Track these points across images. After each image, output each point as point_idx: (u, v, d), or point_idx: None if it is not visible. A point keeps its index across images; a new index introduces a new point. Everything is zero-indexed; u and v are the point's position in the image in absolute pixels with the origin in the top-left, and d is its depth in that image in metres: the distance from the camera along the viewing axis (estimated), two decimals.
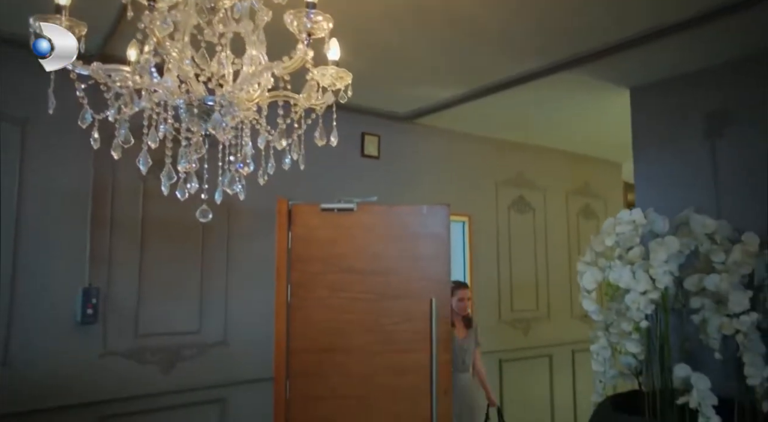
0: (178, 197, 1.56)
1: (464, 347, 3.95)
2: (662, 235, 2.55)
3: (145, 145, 1.45)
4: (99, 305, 2.98)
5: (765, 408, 2.47)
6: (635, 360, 2.72)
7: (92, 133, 1.47)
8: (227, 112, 1.37)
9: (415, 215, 3.78)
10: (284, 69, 1.38)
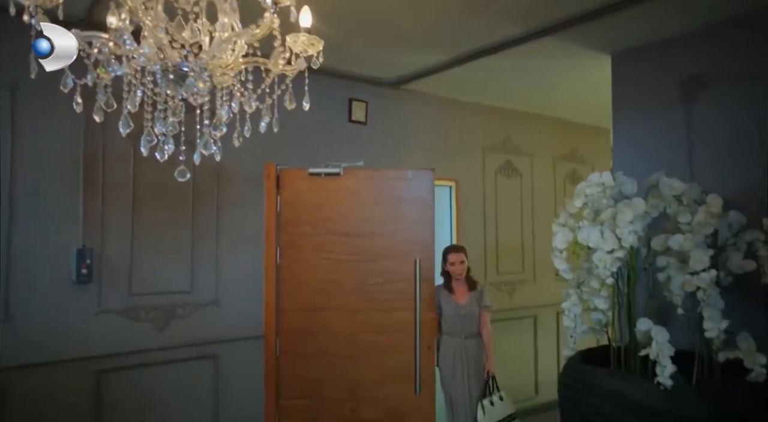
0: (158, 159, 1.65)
1: (462, 313, 3.82)
2: (631, 197, 2.66)
3: (125, 109, 1.54)
4: (93, 265, 3.11)
5: (721, 358, 2.62)
6: (604, 316, 2.86)
7: (75, 97, 1.56)
8: (199, 78, 1.46)
9: (400, 179, 3.89)
10: (252, 36, 1.46)
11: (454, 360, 3.77)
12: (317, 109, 4.05)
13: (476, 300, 3.84)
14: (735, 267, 2.68)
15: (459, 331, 3.80)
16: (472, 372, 3.77)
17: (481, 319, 3.85)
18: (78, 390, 3.09)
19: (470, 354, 3.78)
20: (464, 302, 3.82)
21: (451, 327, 3.82)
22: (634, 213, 2.52)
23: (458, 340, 3.79)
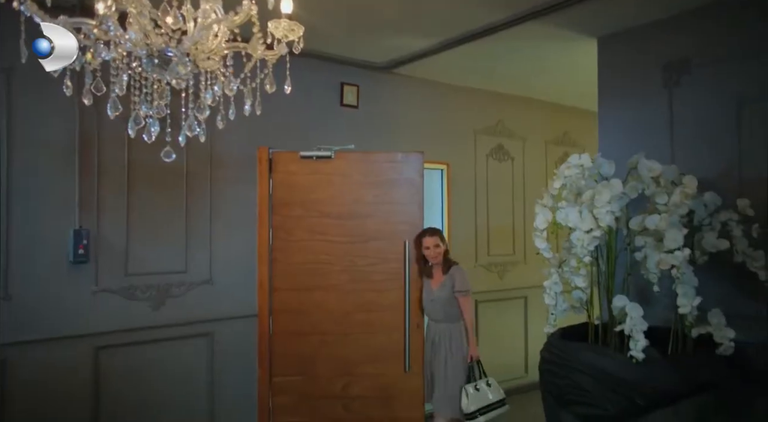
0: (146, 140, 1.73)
1: (431, 298, 3.68)
2: (609, 178, 2.73)
3: (112, 93, 1.62)
4: (90, 246, 3.20)
5: (694, 334, 2.72)
6: (584, 295, 2.96)
7: (65, 81, 1.64)
8: (180, 62, 1.53)
9: (390, 162, 3.97)
10: (232, 23, 1.54)
11: (432, 342, 3.69)
12: (309, 93, 4.16)
13: (449, 286, 3.65)
14: (709, 246, 2.76)
15: (433, 316, 3.70)
16: (448, 357, 3.61)
17: (459, 304, 3.67)
18: (77, 365, 3.20)
19: (445, 338, 3.62)
20: (436, 287, 3.67)
21: (426, 311, 3.75)
22: (611, 193, 2.60)
23: (433, 324, 3.70)
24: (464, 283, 3.68)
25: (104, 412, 3.27)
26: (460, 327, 3.65)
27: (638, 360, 2.48)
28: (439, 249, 3.66)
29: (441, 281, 3.66)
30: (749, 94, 2.97)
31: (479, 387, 3.54)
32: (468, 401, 3.46)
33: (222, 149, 3.76)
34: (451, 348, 3.61)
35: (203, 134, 1.76)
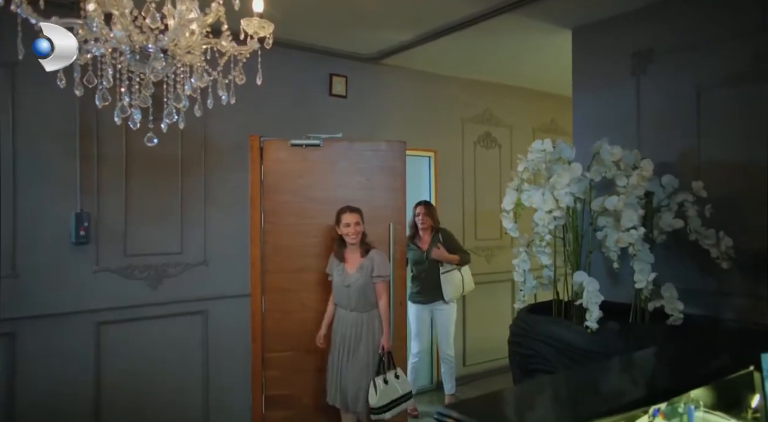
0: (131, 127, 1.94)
1: (346, 283, 3.45)
2: (570, 162, 2.92)
3: (100, 85, 1.82)
4: (90, 228, 3.43)
5: (650, 307, 2.92)
6: (551, 272, 3.15)
7: (58, 74, 1.85)
8: (156, 58, 1.74)
9: (374, 150, 4.19)
10: (204, 22, 1.74)
11: (342, 334, 3.47)
12: (299, 83, 4.36)
13: (367, 270, 3.43)
14: (666, 226, 2.94)
15: (345, 303, 3.48)
16: (360, 349, 3.42)
17: (376, 291, 3.47)
18: (80, 339, 3.44)
19: (358, 329, 3.43)
20: (352, 271, 3.45)
21: (337, 298, 3.54)
22: (570, 176, 2.79)
23: (344, 313, 3.48)
24: (385, 268, 3.50)
25: (106, 381, 3.52)
26: (372, 316, 3.46)
27: (593, 329, 2.68)
28: (359, 228, 3.48)
29: (358, 264, 3.46)
30: (707, 81, 3.13)
31: (388, 379, 3.39)
32: (377, 395, 3.31)
33: (215, 137, 3.97)
34: (367, 340, 3.42)
35: (182, 121, 1.95)
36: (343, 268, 3.48)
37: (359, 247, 3.49)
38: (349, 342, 3.43)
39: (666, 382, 1.94)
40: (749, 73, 2.98)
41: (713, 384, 1.96)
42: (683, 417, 1.99)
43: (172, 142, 3.74)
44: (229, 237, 4.01)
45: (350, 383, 3.42)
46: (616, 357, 2.13)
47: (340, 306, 3.51)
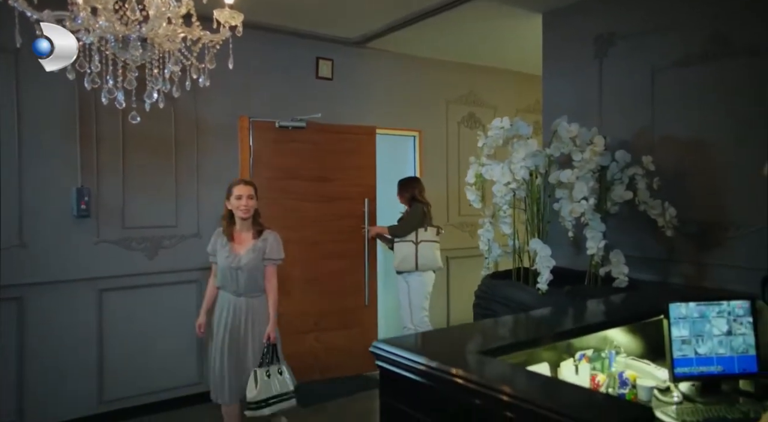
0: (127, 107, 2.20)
1: (234, 265, 3.07)
2: (527, 138, 3.15)
3: (88, 69, 2.08)
4: (91, 202, 3.72)
5: (602, 272, 3.17)
6: (511, 240, 3.40)
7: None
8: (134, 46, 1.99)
9: (349, 133, 4.50)
10: (177, 13, 1.98)
11: (227, 321, 3.11)
12: (286, 66, 4.60)
13: (260, 252, 3.12)
14: (617, 197, 3.18)
15: (233, 287, 3.11)
16: (248, 338, 3.10)
17: (266, 275, 3.16)
18: (83, 304, 3.75)
19: (246, 315, 3.11)
20: (242, 252, 3.11)
21: (222, 281, 3.15)
22: (526, 151, 3.02)
23: (230, 297, 3.12)
24: (278, 251, 3.19)
25: (107, 343, 3.84)
26: (261, 302, 3.17)
27: (543, 291, 2.93)
28: (252, 202, 3.15)
29: (250, 245, 3.12)
30: (661, 64, 3.34)
31: (271, 373, 3.06)
32: (257, 388, 2.99)
33: (207, 118, 4.23)
34: (253, 327, 3.11)
35: (162, 101, 2.21)
36: (231, 248, 3.11)
37: (252, 226, 3.15)
38: (236, 330, 3.08)
39: (587, 322, 2.20)
40: (699, 56, 3.18)
41: (629, 327, 2.22)
42: (605, 361, 2.26)
43: (166, 122, 4.00)
44: (220, 211, 4.26)
45: (234, 375, 3.08)
46: (550, 307, 2.39)
47: (225, 289, 3.13)
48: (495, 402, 1.27)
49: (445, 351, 1.60)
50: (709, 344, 2.15)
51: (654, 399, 2.11)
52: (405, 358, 1.53)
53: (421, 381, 1.51)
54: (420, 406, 1.52)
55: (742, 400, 2.10)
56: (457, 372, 1.37)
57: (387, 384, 1.64)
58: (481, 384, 1.31)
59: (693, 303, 2.18)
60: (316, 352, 4.35)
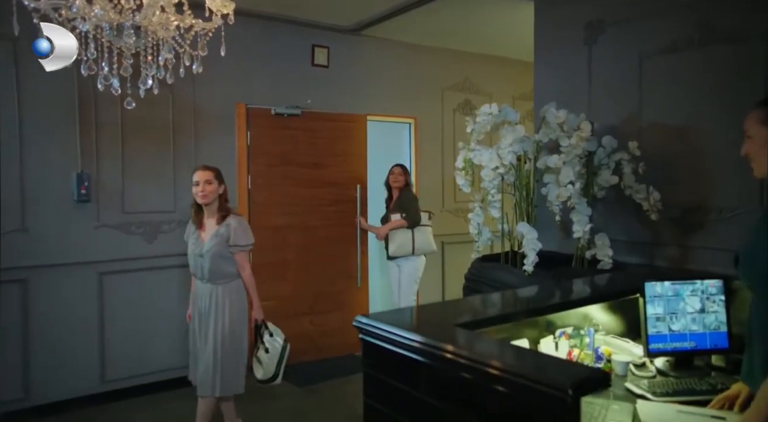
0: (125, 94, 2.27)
1: (197, 252, 3.05)
2: (514, 124, 3.22)
3: (84, 57, 2.16)
4: (90, 187, 3.81)
5: (588, 255, 3.25)
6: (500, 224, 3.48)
7: None
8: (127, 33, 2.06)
9: (341, 121, 4.59)
10: (169, 2, 2.05)
11: (197, 307, 3.12)
12: (283, 54, 4.66)
13: (223, 238, 3.03)
14: (604, 182, 3.25)
15: (199, 274, 3.09)
16: (211, 324, 3.03)
17: (237, 262, 3.10)
18: (85, 287, 3.86)
19: (211, 302, 3.05)
20: (206, 239, 3.06)
21: (192, 268, 3.16)
22: (513, 137, 3.09)
23: (199, 284, 3.12)
24: (244, 237, 3.09)
25: (109, 324, 3.95)
26: (233, 289, 3.10)
27: (529, 272, 3.02)
28: (211, 187, 3.03)
29: (214, 232, 3.05)
30: (648, 50, 3.39)
31: (268, 344, 3.13)
32: (263, 367, 3.11)
33: (205, 104, 4.30)
34: (217, 315, 3.03)
35: (156, 87, 2.29)
36: (198, 235, 3.09)
37: (216, 212, 3.07)
38: (205, 317, 3.07)
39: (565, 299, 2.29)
40: (685, 43, 3.23)
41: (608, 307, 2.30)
42: (584, 338, 2.35)
43: (164, 109, 4.08)
44: None
45: (201, 363, 3.05)
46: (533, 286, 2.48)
47: (195, 276, 3.15)
48: (451, 363, 1.38)
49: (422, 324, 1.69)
50: (682, 321, 2.24)
51: (629, 374, 2.20)
52: (382, 330, 1.62)
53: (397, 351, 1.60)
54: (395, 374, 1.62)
55: (713, 374, 2.19)
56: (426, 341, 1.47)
57: (368, 356, 1.73)
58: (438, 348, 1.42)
59: (668, 282, 2.27)
60: (311, 334, 4.46)
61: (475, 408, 1.37)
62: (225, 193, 3.13)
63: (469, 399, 1.39)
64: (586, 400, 1.93)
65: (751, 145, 1.63)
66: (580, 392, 1.16)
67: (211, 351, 3.01)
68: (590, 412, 1.81)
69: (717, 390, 1.97)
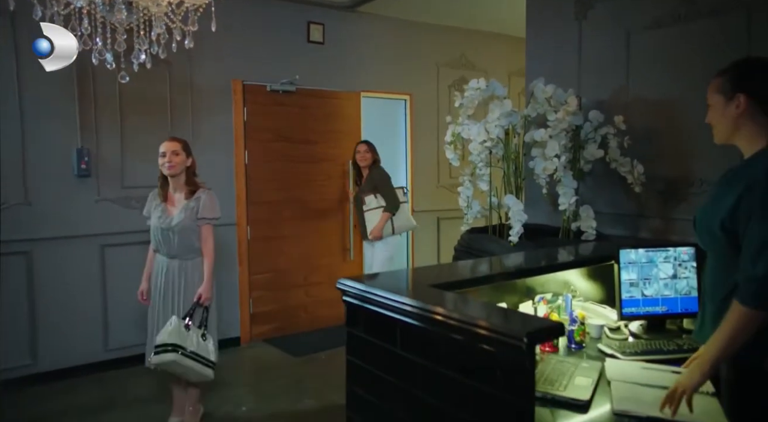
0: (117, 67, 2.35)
1: (169, 225, 2.95)
2: (502, 99, 3.28)
3: (78, 32, 2.23)
4: (90, 162, 3.90)
5: (573, 227, 3.34)
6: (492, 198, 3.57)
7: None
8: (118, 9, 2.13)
9: (334, 98, 4.66)
10: None
11: (161, 284, 3.00)
12: (278, 31, 4.71)
13: (193, 212, 2.97)
14: (589, 156, 3.33)
15: (165, 249, 2.99)
16: (180, 302, 2.96)
17: (201, 235, 3.00)
18: (87, 259, 3.98)
19: (179, 278, 2.98)
20: (174, 213, 2.99)
21: (156, 243, 3.03)
22: (501, 111, 3.16)
23: (164, 260, 3.01)
24: (212, 210, 3.02)
25: (110, 295, 4.08)
26: (195, 264, 3.01)
27: (514, 243, 3.12)
28: (178, 159, 2.98)
29: (182, 205, 3.00)
30: (635, 26, 3.43)
31: (190, 329, 2.86)
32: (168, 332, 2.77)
33: (201, 81, 4.37)
34: (185, 291, 2.97)
35: (149, 61, 2.36)
36: (165, 209, 3.01)
37: (184, 186, 3.02)
38: (171, 294, 2.98)
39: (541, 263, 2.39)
40: (669, 18, 3.27)
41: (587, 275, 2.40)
42: (562, 304, 2.45)
43: (161, 85, 4.15)
44: (216, 172, 4.46)
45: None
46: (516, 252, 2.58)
47: (159, 252, 3.03)
48: (422, 319, 1.49)
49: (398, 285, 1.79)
50: (655, 286, 2.33)
51: (604, 337, 2.31)
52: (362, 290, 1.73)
53: (375, 310, 1.71)
54: (373, 331, 1.73)
55: (684, 337, 2.29)
56: (400, 299, 1.58)
57: (350, 315, 1.84)
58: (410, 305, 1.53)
59: (642, 249, 2.36)
60: (306, 305, 4.60)
61: (444, 359, 1.48)
62: (193, 166, 3.08)
63: (438, 350, 1.49)
64: (558, 359, 2.06)
65: (711, 113, 1.71)
66: (534, 340, 1.26)
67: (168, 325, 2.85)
68: (561, 369, 1.93)
69: (684, 350, 2.08)
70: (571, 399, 1.68)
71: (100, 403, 3.60)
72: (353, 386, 1.85)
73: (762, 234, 1.44)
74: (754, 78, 1.64)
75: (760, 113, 1.62)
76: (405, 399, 1.61)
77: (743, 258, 1.48)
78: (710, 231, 1.61)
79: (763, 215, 1.46)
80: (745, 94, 1.62)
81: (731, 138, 1.70)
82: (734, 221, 1.53)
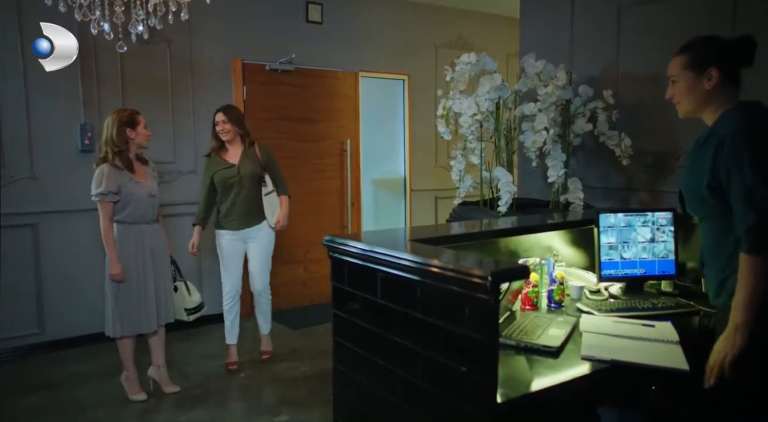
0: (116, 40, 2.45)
1: (153, 192, 3.29)
2: (492, 73, 3.35)
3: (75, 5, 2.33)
4: (94, 138, 4.01)
5: (562, 199, 3.42)
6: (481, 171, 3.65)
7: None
8: None
9: (332, 78, 4.74)
10: None
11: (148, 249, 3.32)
12: (277, 10, 4.78)
13: (156, 175, 3.43)
14: (578, 129, 3.40)
15: (149, 216, 3.31)
16: (165, 258, 3.44)
17: None
18: (91, 232, 4.09)
19: (158, 240, 3.40)
20: (148, 180, 3.30)
21: (139, 213, 3.26)
22: (491, 84, 3.23)
23: (146, 227, 3.31)
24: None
25: None
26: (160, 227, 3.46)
27: (502, 213, 3.20)
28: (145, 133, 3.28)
29: (149, 172, 3.35)
30: (625, 2, 3.49)
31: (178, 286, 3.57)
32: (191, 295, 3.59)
33: (201, 59, 4.45)
34: (163, 251, 3.43)
35: (146, 32, 2.46)
36: (137, 179, 3.21)
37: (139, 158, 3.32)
38: (159, 255, 3.37)
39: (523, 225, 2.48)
40: None
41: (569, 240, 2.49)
42: (544, 267, 2.54)
43: (162, 63, 4.24)
44: None
45: (161, 298, 3.40)
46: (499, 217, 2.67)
47: (141, 221, 3.26)
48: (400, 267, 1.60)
49: (382, 240, 1.89)
50: (633, 249, 2.42)
51: (584, 298, 2.40)
52: (348, 245, 1.83)
53: (356, 262, 1.81)
54: (355, 283, 1.84)
55: (661, 298, 2.38)
56: (381, 250, 1.67)
57: (335, 270, 1.94)
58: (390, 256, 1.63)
59: (621, 213, 2.44)
60: (305, 281, 4.71)
61: (420, 304, 1.58)
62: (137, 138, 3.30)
63: (414, 296, 1.59)
64: (536, 314, 2.16)
65: (676, 88, 1.80)
66: (498, 278, 1.36)
67: (169, 281, 3.46)
68: (537, 322, 2.03)
69: (658, 308, 2.17)
70: (543, 346, 1.78)
71: (104, 370, 3.74)
72: (338, 337, 1.95)
73: (743, 183, 1.53)
74: (723, 51, 1.73)
75: (727, 84, 1.72)
76: (385, 346, 1.71)
77: (736, 214, 1.57)
78: (698, 195, 1.69)
79: (738, 167, 1.55)
80: (716, 68, 1.71)
81: (697, 111, 1.80)
82: (717, 181, 1.62)
